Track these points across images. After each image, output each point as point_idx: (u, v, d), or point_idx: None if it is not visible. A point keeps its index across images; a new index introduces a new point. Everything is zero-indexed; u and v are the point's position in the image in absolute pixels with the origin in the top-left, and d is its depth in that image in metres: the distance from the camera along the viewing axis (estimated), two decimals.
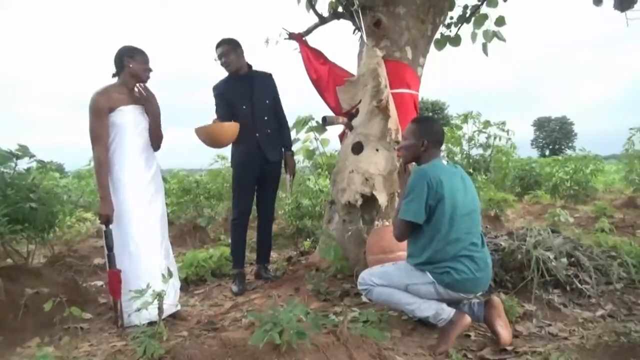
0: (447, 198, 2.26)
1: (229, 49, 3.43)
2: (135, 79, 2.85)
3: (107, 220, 2.67)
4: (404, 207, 2.34)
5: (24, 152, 3.34)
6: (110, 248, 2.68)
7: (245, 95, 3.47)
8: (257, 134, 3.47)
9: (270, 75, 3.64)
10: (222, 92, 3.51)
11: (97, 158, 2.70)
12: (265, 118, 3.51)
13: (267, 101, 3.54)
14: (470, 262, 2.28)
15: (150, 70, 2.89)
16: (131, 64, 2.80)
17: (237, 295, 3.35)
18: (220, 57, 3.46)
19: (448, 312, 2.32)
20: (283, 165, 3.70)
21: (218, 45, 3.47)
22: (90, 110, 2.70)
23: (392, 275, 2.42)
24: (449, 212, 2.26)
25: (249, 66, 3.56)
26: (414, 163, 2.56)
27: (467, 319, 2.31)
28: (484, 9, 4.44)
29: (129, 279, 2.66)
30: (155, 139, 2.93)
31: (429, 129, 2.47)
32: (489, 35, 4.36)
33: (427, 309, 2.34)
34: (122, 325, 2.69)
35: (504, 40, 4.32)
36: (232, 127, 3.28)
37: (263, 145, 3.47)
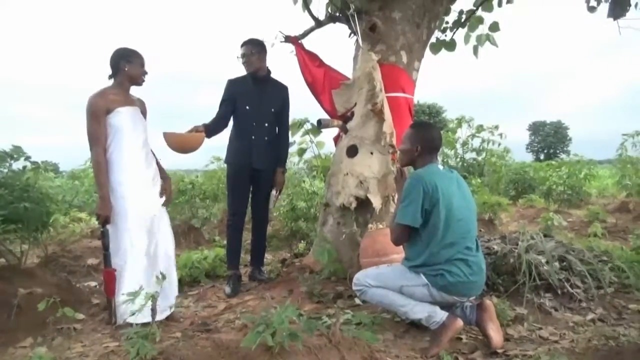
0: (442, 202, 2.29)
1: (253, 50, 3.49)
2: (132, 81, 2.87)
3: (105, 220, 2.68)
4: (401, 211, 2.36)
5: (17, 152, 3.34)
6: (106, 247, 2.69)
7: (253, 97, 3.50)
8: (253, 137, 3.49)
9: (286, 87, 3.68)
10: (233, 88, 3.56)
11: (95, 159, 2.71)
12: (266, 125, 3.54)
13: (273, 110, 3.56)
14: (464, 265, 2.30)
15: (145, 73, 2.91)
16: (127, 67, 2.81)
17: (230, 297, 3.35)
18: (242, 56, 3.51)
19: (441, 315, 2.33)
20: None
21: (243, 44, 3.52)
22: (88, 112, 2.71)
23: (386, 277, 2.44)
24: (444, 216, 2.29)
25: (269, 71, 3.59)
26: (410, 168, 2.59)
27: (460, 322, 2.32)
28: (480, 13, 4.50)
29: (125, 278, 2.67)
30: None
31: (424, 134, 2.50)
32: (482, 39, 4.42)
33: (420, 311, 2.36)
34: (115, 323, 2.70)
35: (496, 45, 4.39)
36: (197, 138, 3.19)
37: (254, 150, 3.48)
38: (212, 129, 3.41)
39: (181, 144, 3.16)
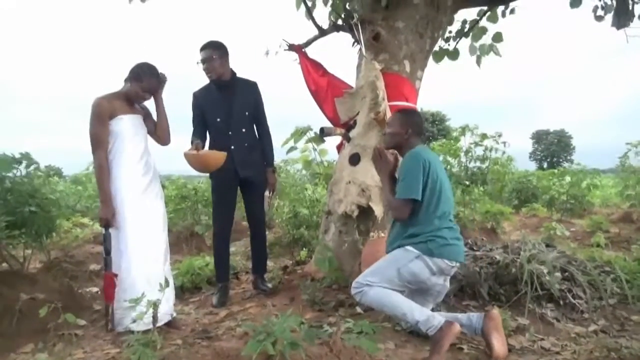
0: (437, 177, 2.48)
1: (214, 55, 3.28)
2: (127, 97, 2.85)
3: (107, 223, 2.68)
4: (404, 187, 2.48)
5: (26, 159, 3.36)
6: (108, 251, 2.69)
7: (222, 106, 3.36)
8: (233, 147, 3.34)
9: (254, 83, 3.50)
10: (199, 102, 3.42)
11: (98, 162, 2.72)
12: (243, 130, 3.40)
13: (247, 113, 3.41)
14: (449, 232, 2.48)
15: (144, 99, 2.89)
16: (131, 85, 2.81)
17: (216, 307, 3.30)
18: (203, 61, 3.30)
19: (439, 320, 2.33)
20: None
21: (203, 48, 3.30)
22: (93, 114, 2.72)
23: (382, 267, 2.50)
24: (437, 190, 2.47)
25: (233, 73, 3.43)
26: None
27: (457, 327, 2.32)
28: (483, 23, 4.54)
29: (126, 286, 2.67)
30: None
31: (413, 119, 2.70)
32: (486, 49, 4.46)
33: (419, 314, 2.37)
34: (111, 330, 2.70)
35: (499, 55, 4.42)
36: (219, 156, 3.16)
37: (237, 159, 3.35)
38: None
39: (204, 164, 3.15)
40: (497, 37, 4.45)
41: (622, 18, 3.95)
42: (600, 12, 4.26)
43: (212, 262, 3.87)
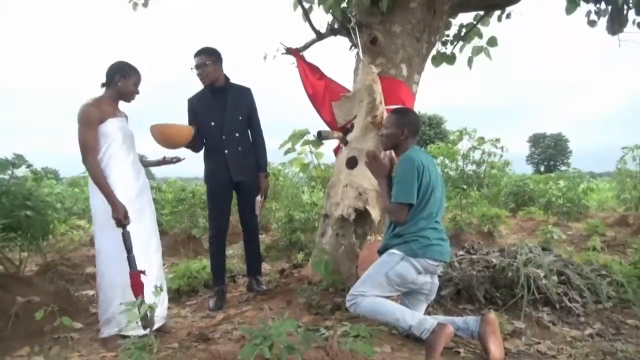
0: (429, 180, 2.51)
1: (207, 60, 3.33)
2: (122, 97, 2.85)
3: (121, 223, 2.62)
4: (400, 191, 2.51)
5: (20, 160, 3.35)
6: (129, 250, 2.60)
7: (215, 111, 3.40)
8: (226, 151, 3.40)
9: (248, 89, 3.56)
10: (194, 107, 3.46)
11: (92, 168, 2.67)
12: (237, 135, 3.44)
13: (240, 117, 3.46)
14: (434, 232, 2.51)
15: (137, 92, 2.89)
16: (120, 82, 2.80)
17: (213, 311, 3.30)
18: (197, 67, 3.35)
19: (431, 323, 2.35)
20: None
21: (196, 54, 3.35)
22: (82, 121, 2.68)
23: (371, 275, 2.54)
24: (429, 192, 2.51)
25: (227, 79, 3.48)
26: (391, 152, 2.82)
27: (450, 328, 2.33)
28: (478, 27, 4.56)
29: (118, 291, 2.64)
30: None
31: (408, 119, 2.70)
32: (477, 51, 4.50)
33: (410, 318, 2.39)
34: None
35: (489, 57, 4.46)
36: (184, 130, 3.16)
37: (231, 164, 3.40)
38: (196, 142, 3.38)
39: (168, 137, 3.07)
40: (492, 42, 4.47)
41: (616, 24, 3.97)
42: (593, 17, 4.29)
43: (209, 265, 3.88)
